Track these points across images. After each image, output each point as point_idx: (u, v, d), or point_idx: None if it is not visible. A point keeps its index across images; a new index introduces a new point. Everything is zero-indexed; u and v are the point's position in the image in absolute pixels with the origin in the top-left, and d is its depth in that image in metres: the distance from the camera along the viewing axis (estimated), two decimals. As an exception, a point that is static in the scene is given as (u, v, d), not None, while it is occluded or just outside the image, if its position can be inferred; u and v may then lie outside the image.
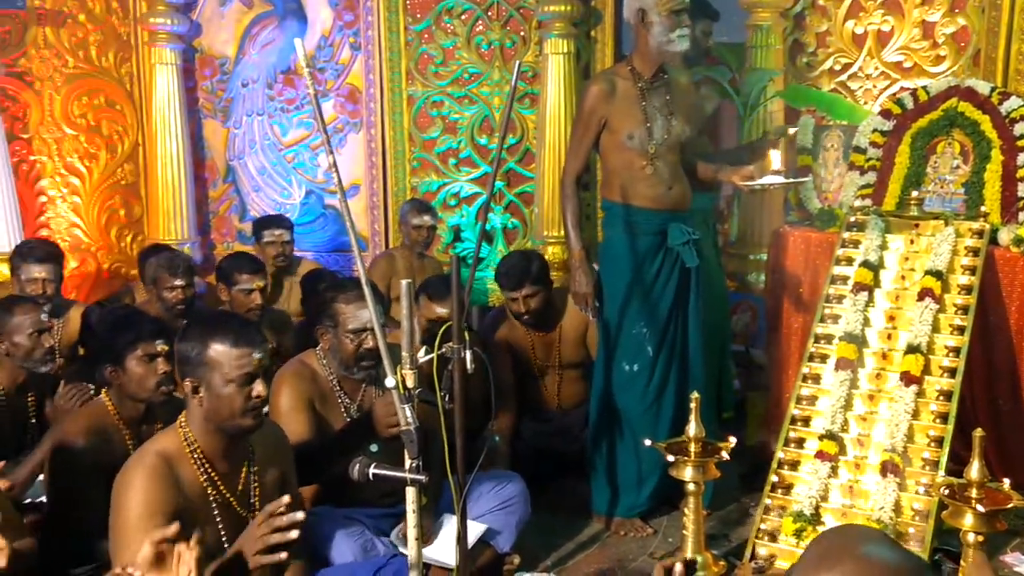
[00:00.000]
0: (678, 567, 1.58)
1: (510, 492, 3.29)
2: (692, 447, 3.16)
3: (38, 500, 3.24)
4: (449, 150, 5.64)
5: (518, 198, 5.60)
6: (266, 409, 2.51)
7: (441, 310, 3.81)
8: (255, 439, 2.53)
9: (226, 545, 2.45)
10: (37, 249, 4.45)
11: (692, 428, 3.17)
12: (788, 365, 4.15)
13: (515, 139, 5.53)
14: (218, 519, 2.43)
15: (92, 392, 3.46)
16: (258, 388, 2.37)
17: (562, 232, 5.27)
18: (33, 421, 3.65)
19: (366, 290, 2.48)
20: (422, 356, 2.51)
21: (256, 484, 2.54)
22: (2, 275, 5.02)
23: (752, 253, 5.13)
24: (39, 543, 2.80)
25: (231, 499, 2.46)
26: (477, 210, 5.64)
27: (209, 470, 2.42)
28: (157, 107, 5.49)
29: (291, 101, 5.75)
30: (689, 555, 3.20)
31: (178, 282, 4.33)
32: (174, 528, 1.98)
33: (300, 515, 2.17)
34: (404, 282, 2.43)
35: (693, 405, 3.20)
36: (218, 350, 2.34)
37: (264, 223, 5.13)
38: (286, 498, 2.20)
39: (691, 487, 3.16)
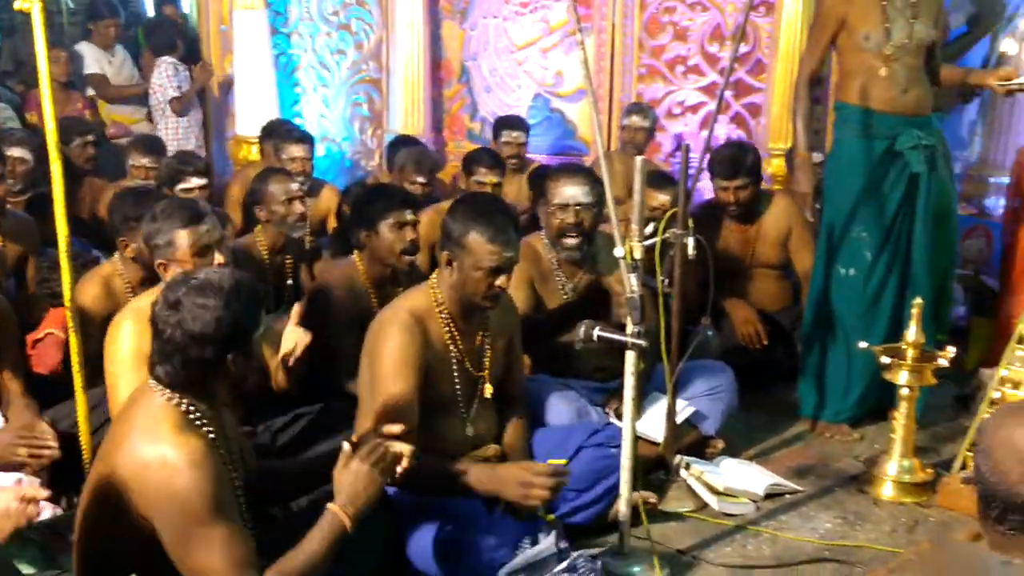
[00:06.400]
0: None
1: (718, 380, 3.42)
2: (910, 352, 3.15)
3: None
4: (677, 57, 5.64)
5: (745, 109, 5.55)
6: None
7: (663, 196, 3.93)
8: None
9: (459, 396, 2.72)
10: (295, 131, 4.90)
11: (912, 333, 3.15)
12: (1020, 291, 3.98)
13: (746, 48, 5.45)
14: (455, 374, 2.71)
15: None
16: (501, 279, 2.61)
17: (788, 145, 5.23)
18: (290, 282, 4.10)
19: (603, 172, 2.64)
20: (648, 231, 2.65)
21: (488, 348, 2.80)
22: (254, 156, 5.54)
23: (993, 175, 4.88)
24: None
25: (466, 358, 2.73)
26: (702, 120, 5.64)
27: (452, 329, 2.69)
28: (401, 7, 5.81)
29: (525, 4, 5.89)
30: (896, 459, 3.22)
31: (419, 178, 4.66)
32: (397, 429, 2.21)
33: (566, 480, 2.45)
34: (639, 159, 2.57)
35: (915, 311, 3.17)
36: (476, 239, 2.58)
37: (504, 123, 5.38)
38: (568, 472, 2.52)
39: (905, 391, 3.16)
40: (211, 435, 1.99)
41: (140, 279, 3.29)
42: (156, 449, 1.87)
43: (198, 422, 1.97)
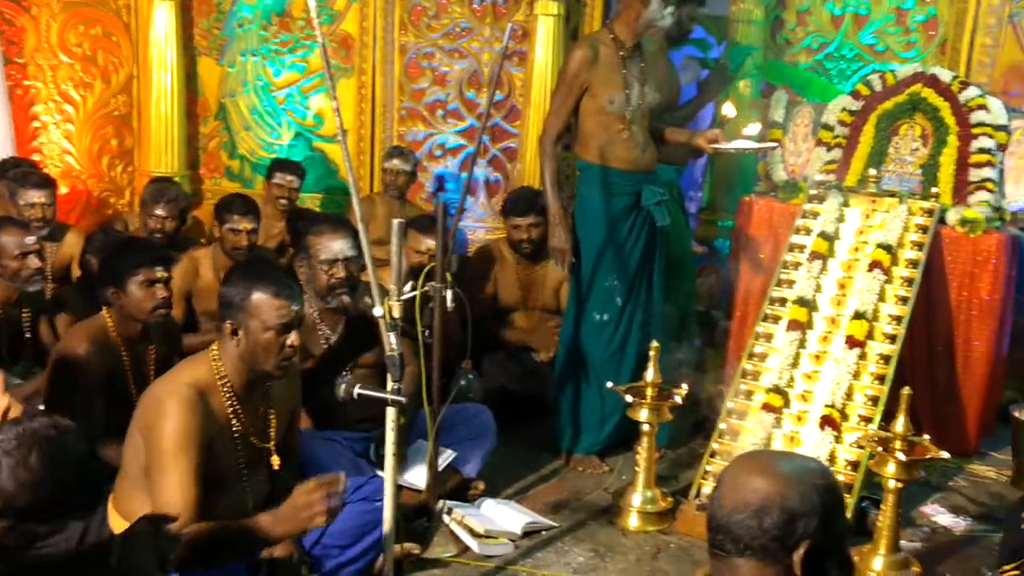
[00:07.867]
0: None
1: (479, 424, 3.56)
2: (648, 391, 3.43)
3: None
4: (437, 102, 5.79)
5: (502, 153, 5.79)
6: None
7: (429, 241, 4.06)
8: None
9: (242, 470, 2.63)
10: (34, 175, 4.57)
11: (650, 374, 3.44)
12: (745, 325, 4.42)
13: (502, 95, 5.70)
14: (238, 448, 2.60)
15: None
16: (292, 338, 2.55)
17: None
18: (28, 336, 3.85)
19: (359, 225, 2.68)
20: (407, 290, 2.74)
21: (272, 417, 2.71)
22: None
23: (720, 220, 5.38)
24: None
25: (250, 430, 2.63)
26: (461, 162, 5.83)
27: (235, 403, 2.58)
28: (153, 41, 5.59)
29: (285, 44, 5.86)
30: (640, 490, 3.48)
31: (158, 211, 4.51)
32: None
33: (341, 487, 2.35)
34: (396, 221, 2.65)
35: (652, 353, 3.46)
36: (260, 299, 2.52)
37: (278, 165, 5.30)
38: (342, 476, 2.37)
39: (645, 427, 3.44)
40: None
41: None
42: None
43: None
